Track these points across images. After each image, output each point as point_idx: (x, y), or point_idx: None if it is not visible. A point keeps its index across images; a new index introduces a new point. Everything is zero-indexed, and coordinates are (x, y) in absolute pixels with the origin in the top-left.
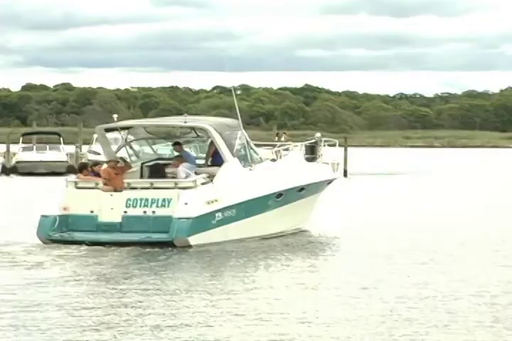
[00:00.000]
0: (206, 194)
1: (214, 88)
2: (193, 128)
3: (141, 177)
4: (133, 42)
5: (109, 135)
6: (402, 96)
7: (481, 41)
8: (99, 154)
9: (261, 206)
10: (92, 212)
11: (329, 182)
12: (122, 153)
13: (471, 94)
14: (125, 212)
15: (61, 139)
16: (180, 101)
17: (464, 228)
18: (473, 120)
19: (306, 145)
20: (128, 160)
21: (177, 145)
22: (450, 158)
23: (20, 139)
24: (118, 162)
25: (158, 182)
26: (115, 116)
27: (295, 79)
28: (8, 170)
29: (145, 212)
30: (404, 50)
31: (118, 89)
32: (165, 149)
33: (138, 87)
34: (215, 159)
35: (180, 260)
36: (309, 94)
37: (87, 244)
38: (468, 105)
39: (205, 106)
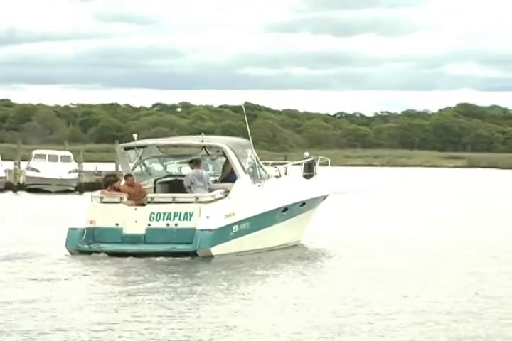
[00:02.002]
0: (224, 208)
1: (154, 105)
2: (204, 147)
3: (155, 192)
4: (75, 58)
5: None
6: (342, 115)
7: (422, 61)
8: (38, 171)
9: (270, 219)
10: (117, 224)
11: (324, 198)
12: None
13: (410, 114)
14: (149, 224)
15: None
16: (120, 118)
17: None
18: (412, 139)
19: (304, 164)
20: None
21: (195, 162)
22: (399, 176)
23: None
24: (133, 178)
25: (180, 197)
26: (135, 135)
27: (236, 97)
28: None
29: (168, 224)
30: (346, 69)
31: (58, 106)
32: (173, 167)
33: (78, 104)
34: (229, 176)
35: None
36: (250, 112)
37: (114, 255)
38: (408, 124)
39: (145, 124)
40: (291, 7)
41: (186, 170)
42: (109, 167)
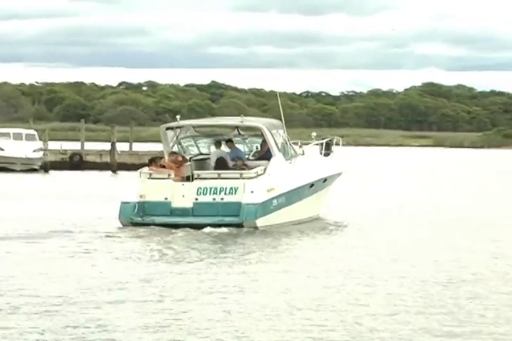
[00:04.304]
0: (265, 183)
1: (120, 84)
2: (237, 127)
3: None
4: (40, 37)
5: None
6: (309, 95)
7: (389, 40)
8: (2, 149)
9: (300, 194)
10: (165, 199)
11: (339, 174)
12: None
13: (376, 93)
14: (196, 199)
15: None
16: (85, 97)
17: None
18: (378, 119)
19: (323, 143)
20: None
21: (229, 141)
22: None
23: None
24: (178, 156)
25: (225, 173)
26: (178, 117)
27: (202, 76)
28: None
29: (214, 198)
30: (313, 48)
31: (22, 85)
32: (203, 146)
33: (43, 83)
34: (265, 154)
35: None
36: (216, 91)
37: (165, 226)
38: (374, 104)
39: (111, 102)
40: None
41: (213, 148)
42: (74, 146)
